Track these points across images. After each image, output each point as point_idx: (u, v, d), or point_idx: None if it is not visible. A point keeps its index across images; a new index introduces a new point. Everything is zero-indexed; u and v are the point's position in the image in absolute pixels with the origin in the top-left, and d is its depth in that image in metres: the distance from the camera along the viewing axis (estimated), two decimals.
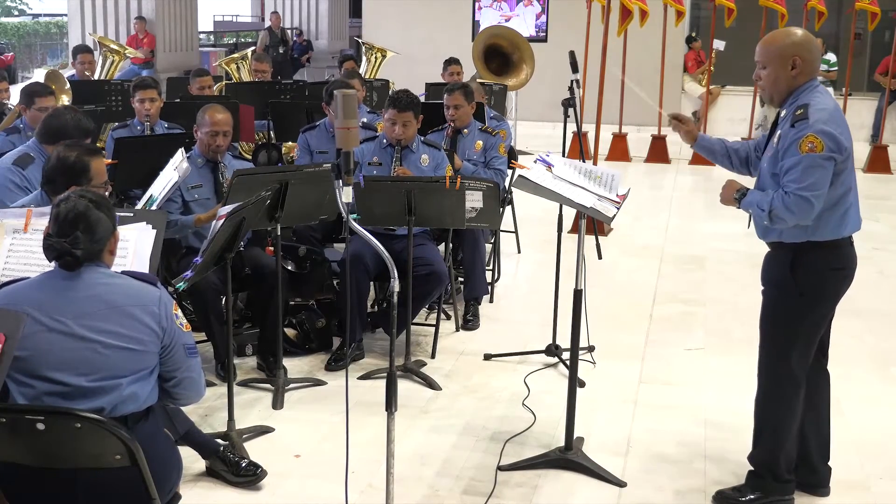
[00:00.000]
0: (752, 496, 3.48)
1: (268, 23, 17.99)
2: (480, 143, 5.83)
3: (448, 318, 5.44)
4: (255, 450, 3.84)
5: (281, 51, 16.54)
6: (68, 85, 7.03)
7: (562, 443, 3.84)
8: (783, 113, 3.31)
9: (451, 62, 8.11)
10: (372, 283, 5.16)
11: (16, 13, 33.73)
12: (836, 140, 3.14)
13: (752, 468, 3.53)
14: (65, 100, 6.79)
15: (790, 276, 3.30)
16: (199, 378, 2.85)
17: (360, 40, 12.11)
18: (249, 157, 6.26)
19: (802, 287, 3.29)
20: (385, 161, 5.15)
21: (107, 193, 3.57)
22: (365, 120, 6.21)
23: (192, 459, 3.58)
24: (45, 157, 4.15)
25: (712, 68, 12.57)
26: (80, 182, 3.42)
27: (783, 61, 3.25)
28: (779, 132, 3.27)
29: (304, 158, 5.73)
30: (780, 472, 3.44)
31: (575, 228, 6.30)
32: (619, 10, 9.60)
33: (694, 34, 14.25)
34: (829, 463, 3.61)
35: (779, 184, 3.22)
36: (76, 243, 2.59)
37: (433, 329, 5.12)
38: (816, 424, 3.53)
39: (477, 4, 13.80)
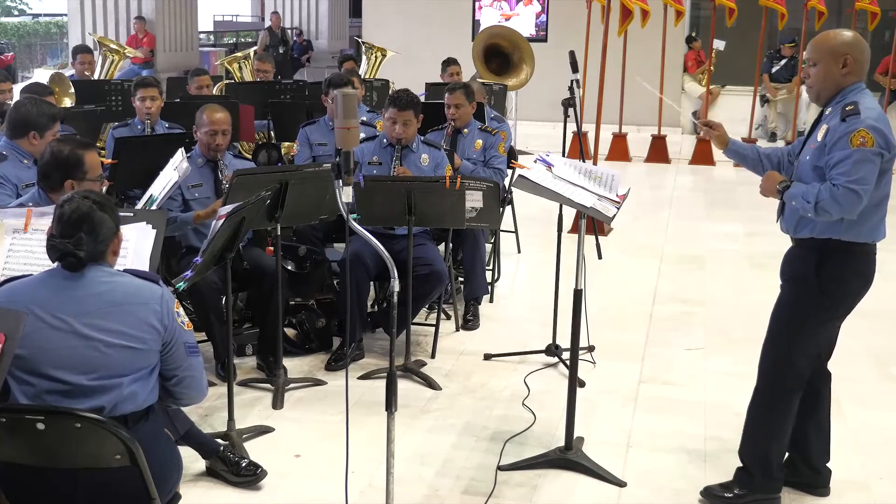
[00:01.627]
0: (738, 492, 3.48)
1: (268, 22, 17.98)
2: (480, 142, 5.84)
3: (448, 318, 5.44)
4: (255, 450, 3.84)
5: (281, 51, 16.52)
6: (73, 88, 7.03)
7: (562, 443, 3.84)
8: (828, 111, 3.30)
9: (450, 63, 8.11)
10: (372, 283, 5.16)
11: (16, 13, 33.70)
12: (886, 137, 3.16)
13: (741, 464, 3.53)
14: (68, 102, 6.80)
15: (814, 274, 3.30)
16: (200, 377, 2.85)
17: (359, 40, 12.11)
18: (250, 157, 6.26)
19: (825, 286, 3.29)
20: (385, 160, 5.15)
21: (104, 188, 3.58)
22: (364, 119, 6.22)
23: (192, 459, 3.58)
24: (18, 152, 4.17)
25: (712, 68, 12.57)
26: (76, 175, 3.43)
27: (835, 59, 3.24)
28: (825, 126, 3.25)
29: (304, 152, 5.75)
30: (770, 469, 3.44)
31: (575, 228, 6.30)
32: (619, 10, 9.60)
33: (694, 34, 14.24)
34: (830, 463, 3.61)
35: (821, 177, 3.21)
36: (79, 244, 2.59)
37: (433, 329, 5.12)
38: (817, 424, 3.54)
39: (477, 4, 13.78)
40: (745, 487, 3.47)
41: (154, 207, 4.01)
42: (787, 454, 3.58)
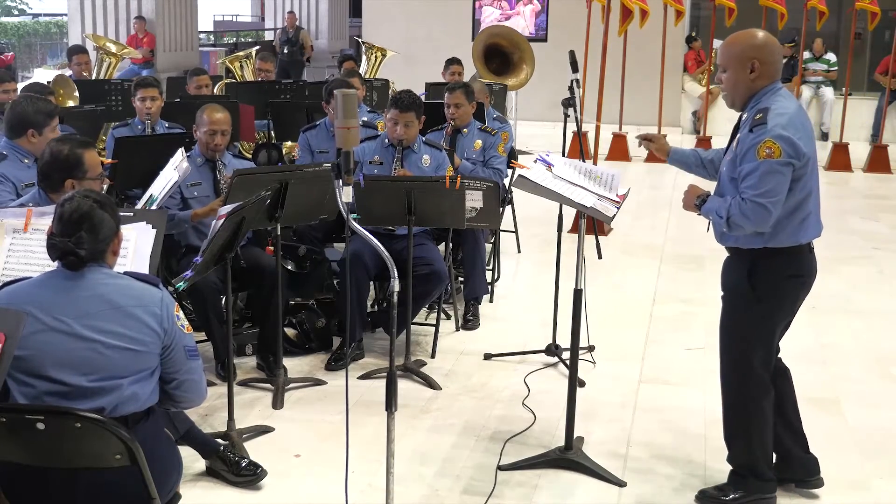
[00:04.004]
0: (734, 495, 3.47)
1: (271, 22, 17.93)
2: (479, 142, 5.84)
3: (448, 317, 5.44)
4: (255, 449, 3.84)
5: (286, 51, 16.45)
6: (77, 91, 7.02)
7: (562, 443, 3.84)
8: (744, 117, 3.30)
9: (453, 62, 8.11)
10: (372, 282, 5.16)
11: (16, 13, 33.72)
12: (795, 145, 3.13)
13: (732, 468, 3.52)
14: (72, 104, 6.79)
15: (747, 283, 3.30)
16: (199, 380, 2.85)
17: (359, 40, 12.11)
18: (250, 157, 6.26)
19: (760, 293, 3.29)
20: (386, 160, 5.16)
21: (104, 187, 3.58)
22: (365, 119, 6.21)
23: (192, 459, 3.58)
24: (18, 151, 4.16)
25: (712, 68, 12.56)
26: (76, 175, 3.43)
27: (742, 64, 3.23)
28: (738, 136, 3.26)
29: (305, 158, 5.73)
30: (760, 471, 3.44)
31: (575, 228, 6.30)
32: (619, 10, 9.59)
33: (694, 34, 14.24)
34: (828, 463, 3.60)
35: (737, 188, 3.21)
36: (80, 243, 2.59)
37: (433, 329, 5.12)
38: (785, 421, 3.52)
39: (477, 3, 13.78)
40: (739, 489, 3.47)
41: (154, 207, 4.01)
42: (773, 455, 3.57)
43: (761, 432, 3.41)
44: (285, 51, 16.40)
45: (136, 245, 3.16)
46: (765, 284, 3.29)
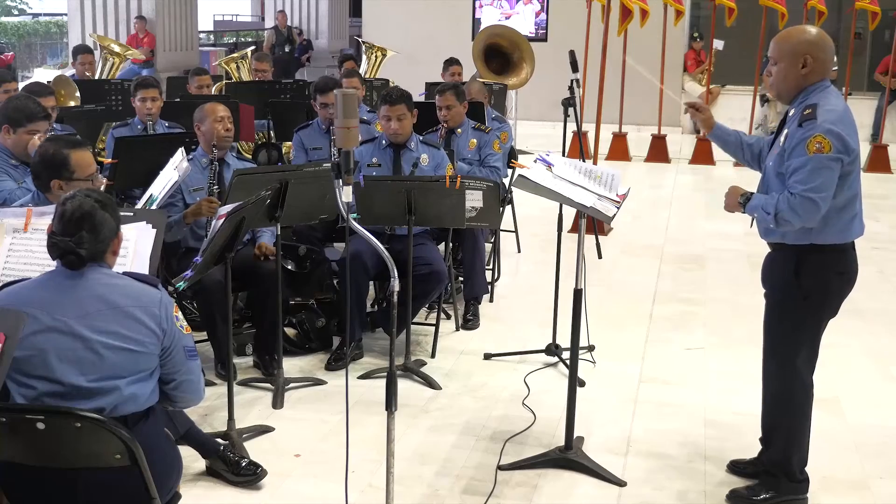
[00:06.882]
0: (765, 495, 3.47)
1: (272, 22, 17.99)
2: (474, 141, 5.83)
3: (448, 317, 5.44)
4: (255, 449, 3.83)
5: (287, 49, 16.49)
6: (78, 92, 7.02)
7: (562, 442, 3.84)
8: (791, 112, 3.29)
9: (452, 62, 8.11)
10: (372, 282, 5.16)
11: (16, 13, 33.68)
12: (844, 141, 3.12)
13: (765, 468, 3.52)
14: (73, 105, 6.80)
15: (794, 280, 3.28)
16: (198, 381, 2.85)
17: (360, 39, 12.12)
18: (250, 157, 6.26)
19: (807, 290, 3.27)
20: (384, 162, 5.15)
21: (101, 187, 3.58)
22: (365, 118, 6.21)
23: (192, 459, 3.58)
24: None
25: (712, 68, 12.56)
26: (62, 175, 3.41)
27: (794, 59, 3.23)
28: (786, 131, 3.24)
29: (300, 157, 5.75)
30: (793, 473, 3.44)
31: (575, 228, 6.30)
32: (619, 10, 9.59)
33: (695, 34, 14.23)
34: (829, 463, 3.60)
35: (784, 183, 3.20)
36: (81, 243, 2.58)
37: (433, 328, 5.11)
38: None
39: (477, 3, 13.79)
40: (772, 490, 3.46)
41: (154, 207, 4.01)
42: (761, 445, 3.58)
43: (801, 432, 3.41)
44: (287, 49, 16.43)
45: (136, 245, 3.16)
46: (812, 281, 3.27)
